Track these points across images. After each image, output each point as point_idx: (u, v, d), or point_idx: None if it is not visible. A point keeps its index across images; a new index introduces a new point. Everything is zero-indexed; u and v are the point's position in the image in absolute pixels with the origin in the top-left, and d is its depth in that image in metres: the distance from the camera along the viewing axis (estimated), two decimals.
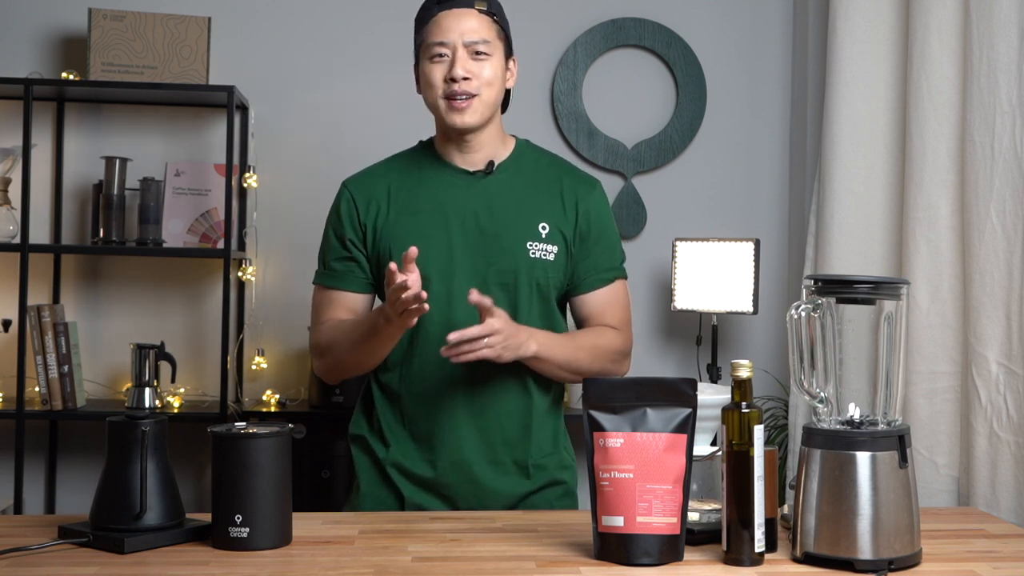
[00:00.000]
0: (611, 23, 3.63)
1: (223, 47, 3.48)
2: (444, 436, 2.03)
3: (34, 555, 1.62)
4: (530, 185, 2.07)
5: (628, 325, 2.12)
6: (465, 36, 1.98)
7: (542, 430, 2.07)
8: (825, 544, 1.59)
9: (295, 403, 3.46)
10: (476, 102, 1.99)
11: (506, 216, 2.03)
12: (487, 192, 2.04)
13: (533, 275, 2.02)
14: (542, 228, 2.03)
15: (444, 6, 2.00)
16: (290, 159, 3.57)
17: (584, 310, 2.10)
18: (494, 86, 2.00)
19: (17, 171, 3.27)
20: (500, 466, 2.04)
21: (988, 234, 2.38)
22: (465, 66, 1.97)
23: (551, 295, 2.06)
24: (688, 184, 3.67)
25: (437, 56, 1.99)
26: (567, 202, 2.06)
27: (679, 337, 3.65)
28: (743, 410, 1.59)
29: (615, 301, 2.10)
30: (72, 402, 3.24)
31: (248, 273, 3.50)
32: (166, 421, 1.73)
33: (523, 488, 2.06)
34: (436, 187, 2.06)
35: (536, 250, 2.02)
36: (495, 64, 2.00)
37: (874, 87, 2.80)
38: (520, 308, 2.02)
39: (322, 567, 1.58)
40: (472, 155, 2.06)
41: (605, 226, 2.10)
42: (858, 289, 1.67)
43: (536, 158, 2.12)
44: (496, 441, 2.03)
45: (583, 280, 2.08)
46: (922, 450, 2.55)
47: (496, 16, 2.03)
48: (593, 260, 2.08)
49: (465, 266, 2.01)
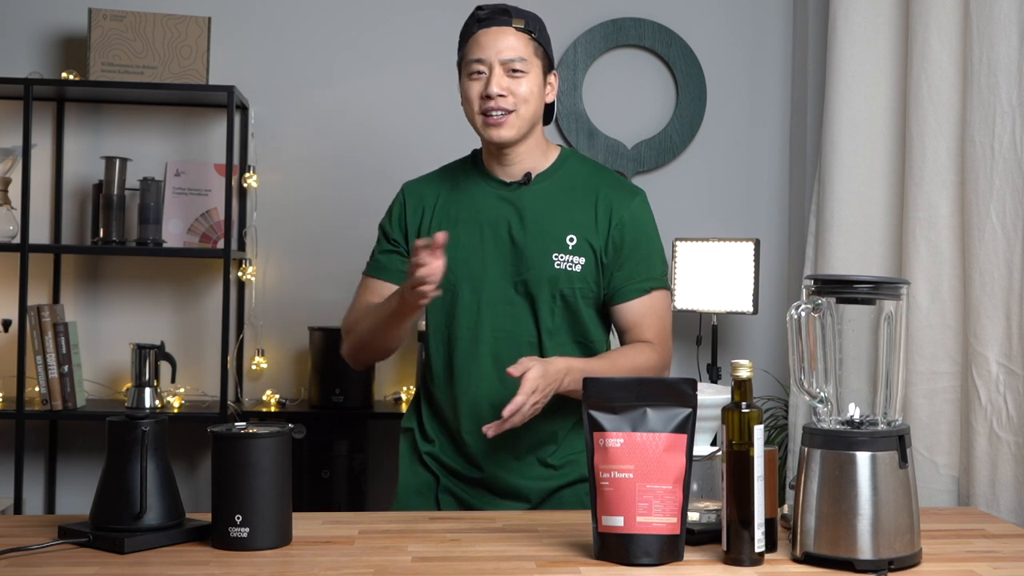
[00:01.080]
0: (611, 23, 3.63)
1: (223, 47, 3.48)
2: (473, 438, 2.07)
3: (34, 555, 1.62)
4: (566, 195, 2.10)
5: (667, 338, 2.12)
6: (502, 54, 2.02)
7: (572, 435, 2.10)
8: (825, 544, 1.59)
9: (295, 403, 3.46)
10: (512, 118, 2.03)
11: (536, 227, 2.07)
12: (521, 203, 2.09)
13: (557, 286, 2.05)
14: (570, 240, 2.07)
15: (483, 24, 2.05)
16: (290, 159, 3.57)
17: (622, 320, 2.11)
18: (530, 102, 2.04)
19: (17, 171, 3.27)
20: (528, 465, 2.08)
21: (988, 234, 2.38)
22: (500, 83, 2.02)
23: (580, 305, 2.07)
24: (688, 184, 3.67)
25: (475, 73, 2.04)
26: (601, 212, 2.09)
27: (679, 337, 3.64)
28: (743, 410, 1.59)
29: (652, 313, 2.10)
30: (72, 402, 3.24)
31: (248, 273, 3.50)
32: (166, 421, 1.73)
33: (553, 483, 2.09)
34: (475, 197, 2.12)
35: (561, 261, 2.05)
36: (532, 81, 2.04)
37: (874, 87, 2.80)
38: (542, 318, 2.06)
39: (322, 567, 1.58)
40: (511, 167, 2.11)
41: (642, 236, 2.11)
42: (858, 289, 1.67)
43: (578, 168, 2.15)
44: (522, 447, 2.07)
45: (619, 290, 2.09)
46: (922, 450, 2.55)
47: (534, 34, 2.07)
48: (628, 270, 2.09)
49: (494, 275, 2.06)
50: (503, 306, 2.06)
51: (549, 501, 2.09)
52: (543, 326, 2.05)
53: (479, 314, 2.06)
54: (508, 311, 2.06)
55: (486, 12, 2.06)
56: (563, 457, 2.10)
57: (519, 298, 2.06)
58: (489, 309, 2.05)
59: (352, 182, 3.54)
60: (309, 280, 3.57)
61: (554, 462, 2.09)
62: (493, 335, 2.06)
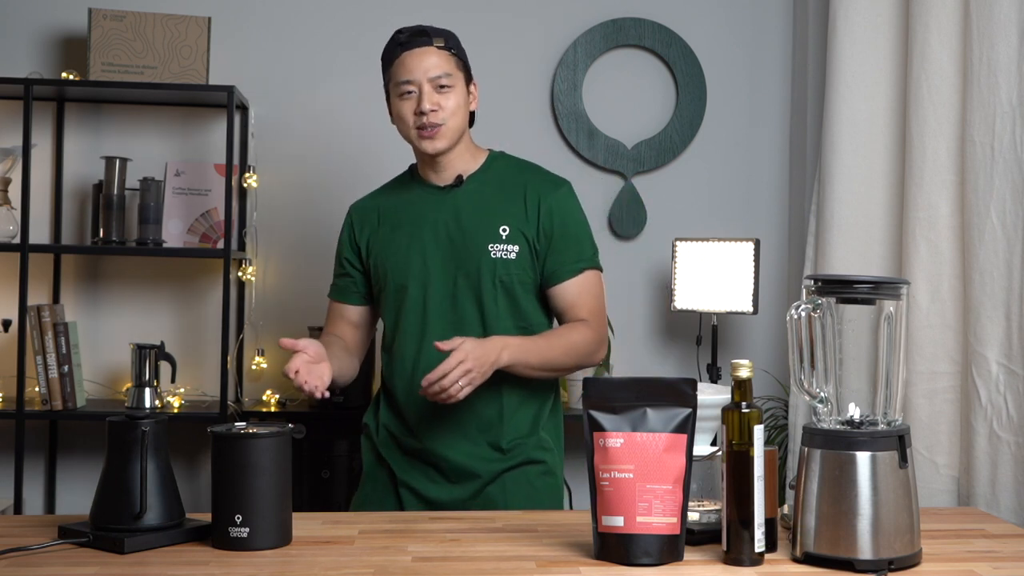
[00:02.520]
0: (611, 23, 3.63)
1: (223, 47, 3.48)
2: (425, 423, 2.20)
3: (34, 555, 1.62)
4: (496, 192, 2.24)
5: (600, 315, 2.25)
6: (429, 72, 2.17)
7: (516, 416, 2.21)
8: (825, 544, 1.59)
9: (295, 403, 3.46)
10: (444, 129, 2.18)
11: (471, 223, 2.21)
12: (455, 203, 2.23)
13: (496, 274, 2.18)
14: (503, 230, 2.20)
15: (406, 47, 2.19)
16: (290, 159, 3.57)
17: (557, 302, 2.23)
18: (458, 114, 2.19)
19: (17, 171, 3.27)
20: (476, 446, 2.19)
21: (988, 234, 2.38)
22: (431, 99, 2.16)
23: (518, 291, 2.20)
24: (688, 184, 3.67)
25: (406, 93, 2.18)
26: (529, 203, 2.21)
27: (679, 337, 3.65)
28: (743, 410, 1.59)
29: (586, 292, 2.23)
30: (72, 402, 3.23)
31: (248, 273, 3.50)
32: (166, 421, 1.73)
33: (500, 465, 2.19)
34: (415, 203, 2.26)
35: (497, 251, 2.18)
36: (458, 94, 2.19)
37: (874, 87, 2.80)
38: (486, 306, 2.18)
39: (322, 567, 1.58)
40: (444, 172, 2.25)
41: (570, 221, 2.23)
42: (858, 289, 1.67)
43: (505, 167, 2.29)
44: (471, 428, 2.19)
45: (552, 273, 2.21)
46: (922, 450, 2.55)
47: (453, 50, 2.21)
48: (559, 254, 2.21)
49: (437, 271, 2.20)
50: (447, 300, 2.19)
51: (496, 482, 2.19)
52: (487, 313, 2.18)
53: (426, 308, 2.20)
54: (452, 305, 2.19)
55: (406, 35, 2.20)
56: (511, 441, 2.19)
57: (462, 291, 2.19)
58: (435, 305, 2.19)
59: (352, 182, 3.53)
60: (309, 280, 3.56)
61: (504, 445, 2.19)
62: (441, 326, 2.17)
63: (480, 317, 2.18)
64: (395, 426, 2.25)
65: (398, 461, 2.24)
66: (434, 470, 2.20)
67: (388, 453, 2.25)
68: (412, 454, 2.22)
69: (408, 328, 2.21)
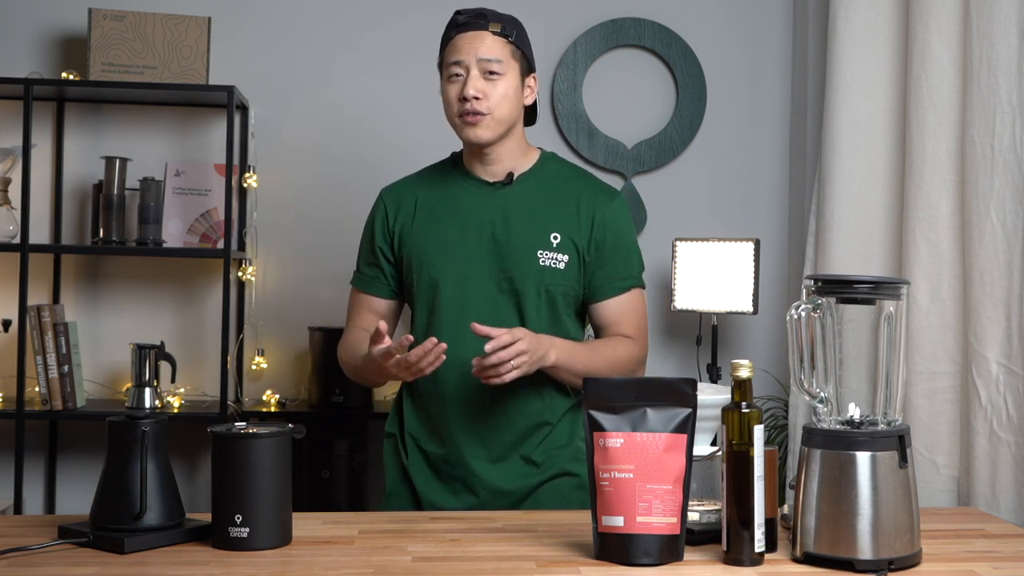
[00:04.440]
0: (611, 23, 3.63)
1: (223, 47, 3.48)
2: (456, 435, 2.10)
3: (34, 555, 1.62)
4: (547, 196, 2.14)
5: (644, 334, 2.18)
6: (479, 54, 2.06)
7: (556, 427, 2.13)
8: (825, 544, 1.59)
9: (295, 403, 3.46)
10: (488, 119, 2.07)
11: (520, 225, 2.11)
12: (504, 202, 2.13)
13: (542, 282, 2.09)
14: (554, 238, 2.10)
15: (461, 28, 2.09)
16: (290, 159, 3.57)
17: (600, 318, 2.16)
18: (505, 105, 2.08)
19: (17, 171, 3.27)
20: (507, 459, 2.10)
21: (988, 234, 2.38)
22: (476, 85, 2.06)
23: (561, 302, 2.12)
24: (688, 184, 3.67)
25: (454, 75, 2.09)
26: (583, 213, 2.12)
27: (679, 337, 3.65)
28: (743, 410, 1.59)
29: (631, 310, 2.16)
30: (72, 402, 3.23)
31: (248, 273, 3.50)
32: (166, 421, 1.73)
33: (532, 480, 2.11)
34: (458, 197, 2.15)
35: (546, 258, 2.09)
36: (507, 83, 2.08)
37: (874, 87, 2.80)
38: (527, 314, 2.09)
39: (322, 567, 1.58)
40: (492, 167, 2.15)
41: (621, 236, 2.15)
42: (858, 289, 1.67)
43: (558, 170, 2.20)
44: (506, 440, 2.10)
45: (599, 288, 2.14)
46: (922, 450, 2.55)
47: (511, 37, 2.10)
48: (609, 269, 2.13)
49: (477, 272, 2.10)
50: (487, 304, 2.09)
51: (529, 500, 2.11)
52: (528, 322, 2.08)
53: (463, 311, 2.08)
54: (492, 308, 2.09)
55: (464, 17, 2.10)
56: (545, 452, 2.11)
57: (503, 296, 2.09)
58: (473, 307, 2.08)
59: (352, 182, 3.54)
60: (309, 280, 3.56)
61: (537, 459, 2.11)
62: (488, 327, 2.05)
63: (520, 325, 2.06)
64: (420, 432, 2.14)
65: (423, 476, 2.13)
66: (461, 485, 2.10)
67: (414, 467, 2.14)
68: (438, 466, 2.12)
69: (443, 328, 2.07)
